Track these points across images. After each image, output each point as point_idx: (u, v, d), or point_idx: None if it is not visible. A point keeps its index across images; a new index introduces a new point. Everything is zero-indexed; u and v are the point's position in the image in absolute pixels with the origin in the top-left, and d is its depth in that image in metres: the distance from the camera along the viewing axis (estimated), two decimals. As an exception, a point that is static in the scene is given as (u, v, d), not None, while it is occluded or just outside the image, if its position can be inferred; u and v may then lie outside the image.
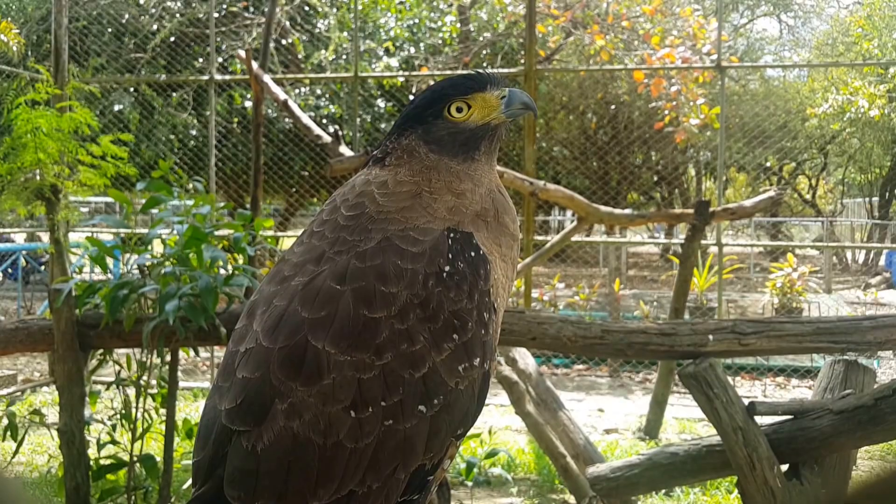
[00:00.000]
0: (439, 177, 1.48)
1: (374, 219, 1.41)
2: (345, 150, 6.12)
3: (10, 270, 12.83)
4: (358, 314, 1.29)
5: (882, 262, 21.24)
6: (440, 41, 14.76)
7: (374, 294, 1.30)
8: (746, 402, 3.41)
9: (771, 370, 9.27)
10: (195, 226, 3.85)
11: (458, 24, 14.87)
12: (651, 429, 6.95)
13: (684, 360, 3.68)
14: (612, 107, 18.17)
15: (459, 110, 1.52)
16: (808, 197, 26.11)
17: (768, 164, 24.64)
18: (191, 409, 7.44)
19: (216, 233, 4.08)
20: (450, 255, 1.37)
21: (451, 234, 1.40)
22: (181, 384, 5.17)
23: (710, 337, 3.63)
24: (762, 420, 3.42)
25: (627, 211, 7.84)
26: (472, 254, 1.40)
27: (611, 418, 7.67)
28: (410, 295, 1.31)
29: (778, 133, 21.45)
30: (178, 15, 13.42)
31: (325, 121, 12.82)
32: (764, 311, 11.46)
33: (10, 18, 12.32)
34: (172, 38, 13.39)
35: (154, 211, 4.27)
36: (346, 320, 1.28)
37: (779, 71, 23.87)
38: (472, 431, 1.84)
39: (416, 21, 14.54)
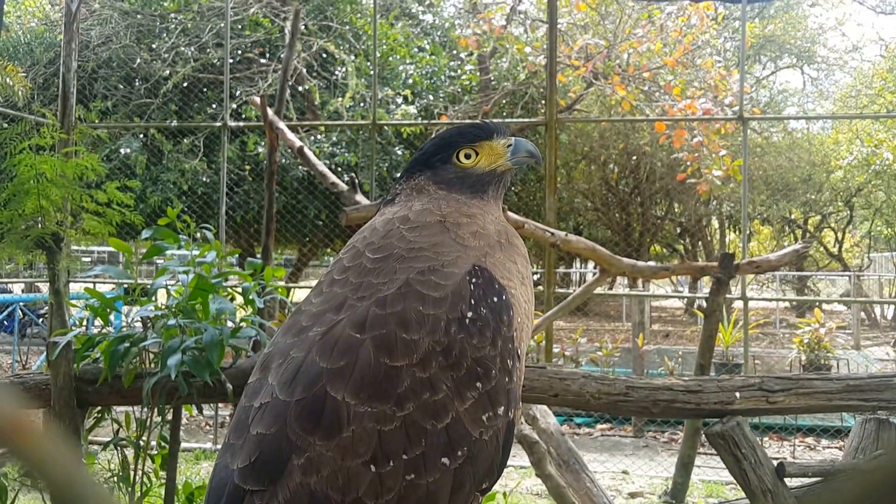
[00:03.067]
0: (448, 204, 1.54)
1: (405, 258, 1.41)
2: (361, 198, 6.12)
3: (5, 323, 12.67)
4: (379, 363, 1.27)
5: (912, 318, 20.93)
6: (460, 90, 14.93)
7: (395, 342, 1.29)
8: (775, 463, 3.34)
9: (799, 430, 9.06)
10: (201, 275, 3.78)
11: (479, 73, 15.06)
12: (677, 492, 6.78)
13: (710, 419, 3.61)
14: (634, 157, 18.27)
15: (468, 157, 1.60)
16: (835, 251, 25.91)
17: (793, 217, 24.57)
18: (192, 472, 7.26)
19: (225, 283, 4.00)
20: (472, 301, 1.36)
21: (473, 279, 1.39)
22: (183, 444, 5.05)
23: (737, 394, 3.56)
24: (792, 482, 3.34)
25: (651, 263, 7.78)
26: (495, 298, 1.39)
27: (636, 481, 7.50)
28: (432, 342, 1.30)
29: (802, 185, 21.43)
30: (191, 60, 13.60)
31: (340, 168, 12.88)
32: (791, 368, 11.27)
33: (17, 61, 12.45)
34: (185, 84, 13.53)
35: (160, 261, 4.20)
36: (367, 369, 1.26)
37: (802, 123, 23.99)
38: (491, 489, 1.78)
39: (436, 69, 14.74)
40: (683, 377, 3.95)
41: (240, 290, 4.07)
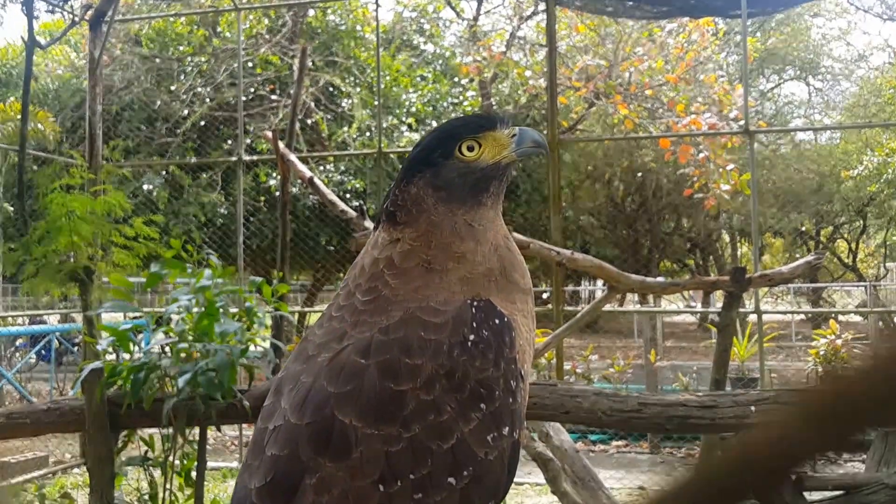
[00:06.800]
0: (441, 237, 1.46)
1: (392, 300, 1.42)
2: (369, 223, 6.19)
3: (43, 352, 13.05)
4: (384, 387, 1.30)
5: (930, 326, 20.71)
6: (462, 115, 15.09)
7: (399, 366, 1.31)
8: (794, 477, 3.32)
9: (819, 443, 9.00)
10: (209, 300, 3.92)
11: (480, 99, 15.22)
12: (695, 508, 6.73)
13: (727, 434, 3.61)
14: (639, 174, 18.29)
15: (471, 149, 1.50)
16: (849, 261, 25.76)
17: (804, 229, 24.47)
18: (220, 490, 7.38)
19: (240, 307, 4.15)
20: (474, 324, 1.38)
21: (475, 303, 1.41)
22: (209, 464, 5.13)
23: (752, 408, 3.55)
24: (812, 496, 3.31)
25: (660, 279, 7.79)
26: (497, 321, 1.40)
27: (652, 497, 7.45)
28: (436, 365, 1.32)
29: (813, 197, 21.38)
30: (207, 100, 14.01)
31: (349, 195, 13.14)
32: (808, 381, 11.19)
33: (46, 107, 13.03)
34: (203, 122, 14.02)
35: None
36: (373, 393, 1.29)
37: (810, 134, 23.95)
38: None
39: (438, 96, 14.95)
40: (698, 392, 3.95)
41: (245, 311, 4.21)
